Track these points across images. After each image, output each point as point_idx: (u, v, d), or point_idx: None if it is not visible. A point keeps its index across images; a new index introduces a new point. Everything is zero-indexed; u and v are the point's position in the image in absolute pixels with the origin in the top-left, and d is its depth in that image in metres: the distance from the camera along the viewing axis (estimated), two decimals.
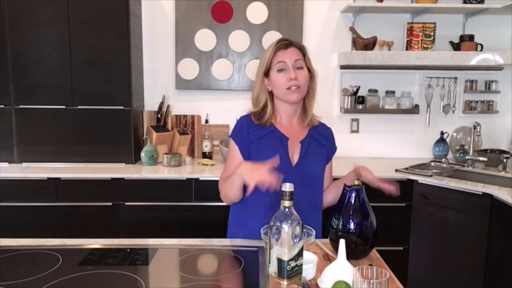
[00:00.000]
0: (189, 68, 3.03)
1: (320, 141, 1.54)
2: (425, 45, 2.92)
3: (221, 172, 1.52)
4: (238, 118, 1.54)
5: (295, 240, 0.99)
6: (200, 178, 2.54)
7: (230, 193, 1.43)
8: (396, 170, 2.67)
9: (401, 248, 2.64)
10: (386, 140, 3.21)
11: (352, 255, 1.21)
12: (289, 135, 1.48)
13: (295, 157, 1.47)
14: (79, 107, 2.69)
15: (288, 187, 1.00)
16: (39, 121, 2.68)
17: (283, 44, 1.44)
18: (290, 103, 1.47)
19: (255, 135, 1.46)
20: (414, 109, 3.09)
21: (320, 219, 1.55)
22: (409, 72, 3.12)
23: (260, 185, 1.22)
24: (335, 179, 1.64)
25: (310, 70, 1.48)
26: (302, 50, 1.46)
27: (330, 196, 1.56)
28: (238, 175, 1.31)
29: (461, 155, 2.96)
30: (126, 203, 2.55)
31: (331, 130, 1.61)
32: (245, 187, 1.37)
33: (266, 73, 1.46)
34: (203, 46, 3.01)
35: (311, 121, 1.53)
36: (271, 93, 1.49)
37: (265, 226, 1.30)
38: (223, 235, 1.59)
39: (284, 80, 1.42)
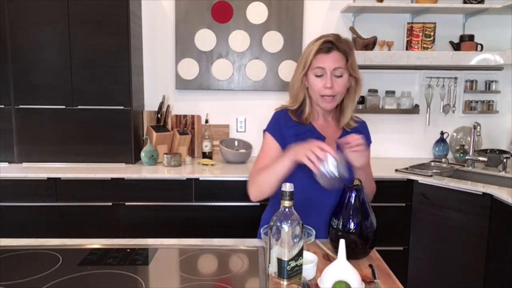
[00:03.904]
0: (189, 68, 3.03)
1: None
2: (425, 45, 2.92)
3: (253, 164, 1.46)
4: (273, 112, 1.50)
5: (295, 240, 0.99)
6: (200, 178, 2.54)
7: (266, 184, 1.36)
8: (396, 170, 2.67)
9: (401, 248, 2.64)
10: (386, 140, 3.21)
11: (352, 255, 1.21)
12: (326, 134, 1.45)
13: None
14: (79, 107, 2.69)
15: (288, 187, 1.00)
16: (39, 121, 2.68)
17: (326, 47, 1.34)
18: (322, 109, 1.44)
19: (292, 131, 1.42)
20: (414, 109, 3.09)
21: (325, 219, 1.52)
22: (409, 72, 3.12)
23: (308, 159, 1.19)
24: None
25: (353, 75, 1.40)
26: (346, 55, 1.36)
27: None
28: (288, 157, 1.27)
29: (461, 155, 2.96)
30: (126, 203, 2.55)
31: (365, 122, 1.55)
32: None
33: (306, 72, 1.41)
34: (203, 46, 3.01)
35: (347, 125, 1.47)
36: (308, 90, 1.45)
37: (265, 226, 1.30)
38: (223, 235, 1.59)
39: (320, 86, 1.37)
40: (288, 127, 1.43)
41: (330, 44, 1.35)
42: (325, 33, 1.41)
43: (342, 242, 1.09)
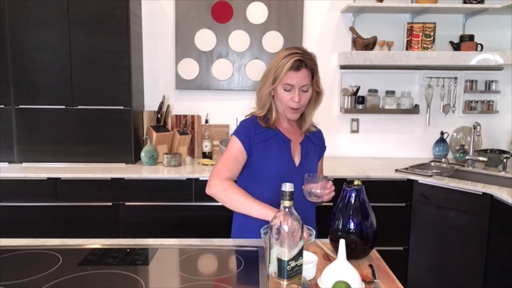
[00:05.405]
0: (189, 68, 3.03)
1: (315, 141, 1.63)
2: (425, 45, 2.92)
3: (217, 162, 1.55)
4: (241, 120, 1.58)
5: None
6: (200, 178, 2.54)
7: (232, 206, 1.45)
8: (396, 170, 2.66)
9: (401, 248, 2.64)
10: (386, 140, 3.21)
11: (352, 255, 1.21)
12: (290, 137, 1.56)
13: (296, 158, 1.54)
14: (79, 107, 2.69)
15: (288, 187, 1.00)
16: (39, 121, 2.68)
17: (296, 65, 1.42)
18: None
19: (261, 137, 1.51)
20: (414, 109, 3.09)
21: (315, 215, 1.62)
22: (409, 72, 3.12)
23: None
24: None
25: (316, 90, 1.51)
26: (313, 72, 1.47)
27: None
28: (267, 216, 1.31)
29: (461, 155, 2.96)
30: (126, 203, 2.55)
31: (321, 131, 1.70)
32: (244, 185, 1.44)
33: (274, 82, 1.48)
34: (203, 46, 3.01)
35: (307, 129, 1.61)
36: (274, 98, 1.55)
37: (265, 226, 1.30)
38: (223, 235, 1.59)
39: (287, 99, 1.46)
40: (258, 133, 1.51)
41: (299, 62, 1.42)
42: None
43: (342, 242, 1.09)
